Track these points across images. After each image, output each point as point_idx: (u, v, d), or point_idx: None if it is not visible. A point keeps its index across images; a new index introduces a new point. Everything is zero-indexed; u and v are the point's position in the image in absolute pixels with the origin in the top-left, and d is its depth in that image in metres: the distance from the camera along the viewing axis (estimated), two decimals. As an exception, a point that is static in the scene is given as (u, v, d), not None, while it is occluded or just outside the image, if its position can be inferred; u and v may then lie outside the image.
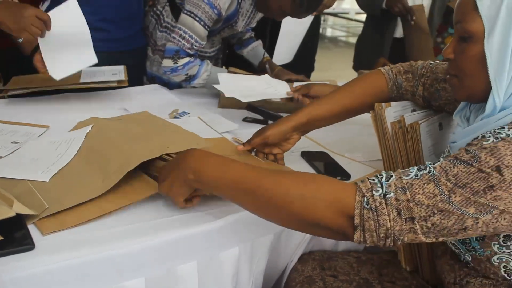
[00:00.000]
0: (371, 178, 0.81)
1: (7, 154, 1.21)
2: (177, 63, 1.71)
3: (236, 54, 2.25)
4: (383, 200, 0.77)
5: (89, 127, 1.27)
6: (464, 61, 0.91)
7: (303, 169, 1.29)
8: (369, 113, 1.17)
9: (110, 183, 0.99)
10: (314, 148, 1.44)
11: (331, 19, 9.96)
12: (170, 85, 1.97)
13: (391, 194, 0.77)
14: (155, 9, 2.02)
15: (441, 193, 0.76)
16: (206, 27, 1.72)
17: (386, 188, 0.78)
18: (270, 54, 2.29)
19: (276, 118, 1.64)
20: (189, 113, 1.54)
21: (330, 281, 1.13)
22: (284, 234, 1.14)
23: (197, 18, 1.69)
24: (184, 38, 1.70)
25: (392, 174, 0.80)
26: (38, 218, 0.92)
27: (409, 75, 1.20)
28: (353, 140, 1.54)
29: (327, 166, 1.31)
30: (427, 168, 0.79)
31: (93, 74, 1.67)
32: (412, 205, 0.76)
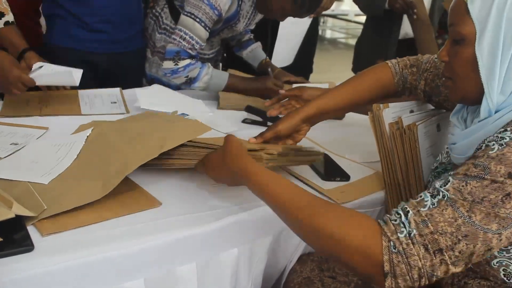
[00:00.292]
0: (393, 218, 0.79)
1: (7, 156, 1.21)
2: (178, 65, 1.71)
3: (235, 56, 2.25)
4: (409, 240, 0.75)
5: (89, 130, 1.28)
6: (457, 64, 0.92)
7: (303, 170, 1.29)
8: (379, 106, 1.18)
9: (110, 187, 1.01)
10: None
11: (331, 21, 9.97)
12: (170, 87, 1.97)
13: (414, 231, 0.75)
14: (154, 11, 2.02)
15: (461, 215, 0.75)
16: (207, 28, 1.72)
17: (408, 227, 0.76)
18: (269, 56, 2.29)
19: (275, 120, 1.64)
20: (188, 115, 1.54)
21: (329, 282, 1.13)
22: (283, 236, 1.15)
23: (198, 19, 1.69)
24: (185, 39, 1.70)
25: (408, 209, 0.78)
26: (37, 220, 0.92)
27: (414, 69, 1.22)
28: (353, 141, 1.54)
29: (327, 167, 1.31)
30: (441, 193, 0.78)
31: (92, 103, 1.68)
32: (437, 236, 0.75)
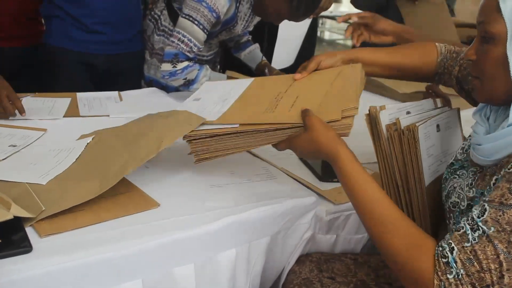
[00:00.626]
0: (442, 256, 0.79)
1: (5, 157, 1.21)
2: (176, 67, 1.71)
3: (233, 57, 2.26)
4: (458, 281, 0.76)
5: (90, 139, 1.28)
6: (486, 63, 0.89)
7: (301, 171, 1.30)
8: (375, 108, 1.16)
9: (107, 185, 1.01)
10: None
11: (329, 22, 9.97)
12: (168, 89, 1.98)
13: (462, 271, 0.76)
14: (153, 13, 2.02)
15: (502, 252, 0.75)
16: (205, 31, 1.73)
17: (456, 267, 0.77)
18: (269, 58, 2.29)
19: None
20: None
21: (328, 283, 1.13)
22: (281, 236, 1.15)
23: (196, 22, 1.69)
24: (183, 42, 1.70)
25: (453, 245, 0.79)
26: (35, 221, 0.92)
27: (454, 55, 1.20)
28: (351, 143, 1.53)
29: (325, 168, 1.31)
30: (480, 229, 0.77)
31: (91, 106, 1.69)
32: (483, 274, 0.75)
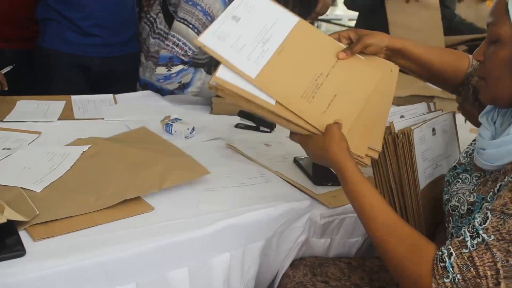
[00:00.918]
0: (440, 260, 0.82)
1: (-1, 160, 1.21)
2: (171, 70, 1.71)
3: None
4: (455, 285, 0.79)
5: (87, 147, 1.27)
6: (491, 64, 0.90)
7: (295, 175, 1.30)
8: None
9: (104, 204, 1.02)
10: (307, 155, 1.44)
11: (324, 25, 9.97)
12: (163, 92, 1.98)
13: (458, 276, 0.79)
14: (149, 16, 2.02)
15: (499, 260, 0.76)
16: (200, 34, 1.72)
17: (453, 272, 0.79)
18: None
19: (269, 124, 1.65)
20: (181, 120, 1.54)
21: (321, 287, 1.13)
22: (275, 240, 1.15)
23: (191, 26, 1.70)
24: (178, 45, 1.70)
25: (451, 250, 0.81)
26: (29, 225, 0.92)
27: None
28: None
29: (319, 172, 1.32)
30: (480, 236, 0.79)
31: (85, 109, 1.69)
32: (479, 280, 0.77)
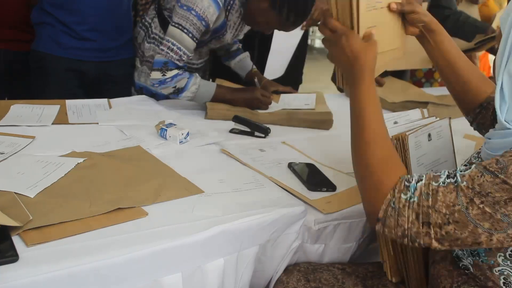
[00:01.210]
0: (406, 179, 0.87)
1: (-8, 165, 1.20)
2: (166, 75, 1.72)
3: (223, 66, 2.26)
4: (407, 204, 0.84)
5: (81, 159, 1.26)
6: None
7: (290, 180, 1.30)
8: None
9: (98, 211, 1.02)
10: (302, 160, 1.45)
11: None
12: (158, 96, 1.98)
13: (415, 199, 0.84)
14: (144, 21, 2.03)
15: (460, 204, 0.79)
16: (194, 39, 1.73)
17: (413, 193, 0.84)
18: (260, 67, 2.29)
19: (264, 129, 1.65)
20: (176, 125, 1.54)
21: (315, 293, 1.13)
22: (269, 246, 1.15)
23: (185, 30, 1.70)
24: (173, 50, 1.71)
25: (422, 178, 0.86)
26: (22, 230, 0.92)
27: None
28: (340, 152, 1.55)
29: (314, 178, 1.32)
30: (455, 177, 0.83)
31: (80, 113, 1.68)
32: (431, 211, 0.82)
